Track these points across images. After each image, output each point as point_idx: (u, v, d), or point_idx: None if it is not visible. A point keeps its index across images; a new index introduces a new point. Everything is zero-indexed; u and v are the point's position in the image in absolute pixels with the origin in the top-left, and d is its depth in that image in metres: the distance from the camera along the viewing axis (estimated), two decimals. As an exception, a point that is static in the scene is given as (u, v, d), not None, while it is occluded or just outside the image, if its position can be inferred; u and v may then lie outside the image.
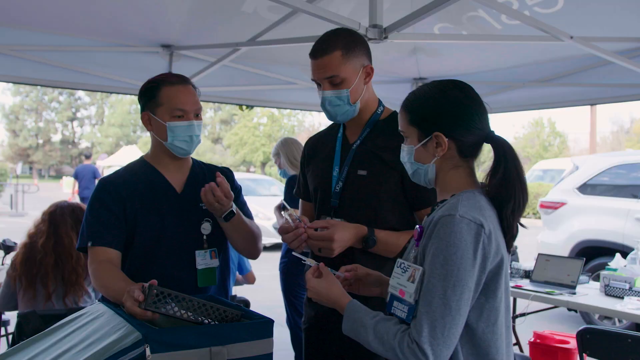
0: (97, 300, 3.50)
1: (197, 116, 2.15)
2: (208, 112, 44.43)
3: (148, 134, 2.27)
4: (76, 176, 12.47)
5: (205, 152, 38.48)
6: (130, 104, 46.30)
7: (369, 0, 2.64)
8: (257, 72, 4.89)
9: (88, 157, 13.71)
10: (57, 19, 3.83)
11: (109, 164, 31.11)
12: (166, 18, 4.00)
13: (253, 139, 36.40)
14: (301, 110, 5.80)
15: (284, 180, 4.35)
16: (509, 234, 1.50)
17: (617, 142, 29.32)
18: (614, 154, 7.71)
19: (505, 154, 1.52)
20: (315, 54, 2.05)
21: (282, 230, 2.00)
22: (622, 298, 3.71)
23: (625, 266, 4.05)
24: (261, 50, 4.22)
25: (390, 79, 5.16)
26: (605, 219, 6.01)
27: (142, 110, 2.18)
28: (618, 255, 4.28)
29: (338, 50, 2.01)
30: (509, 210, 1.49)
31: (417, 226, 1.53)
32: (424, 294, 1.41)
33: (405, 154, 1.61)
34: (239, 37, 4.11)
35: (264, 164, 36.35)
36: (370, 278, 1.80)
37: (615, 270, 4.04)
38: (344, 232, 1.91)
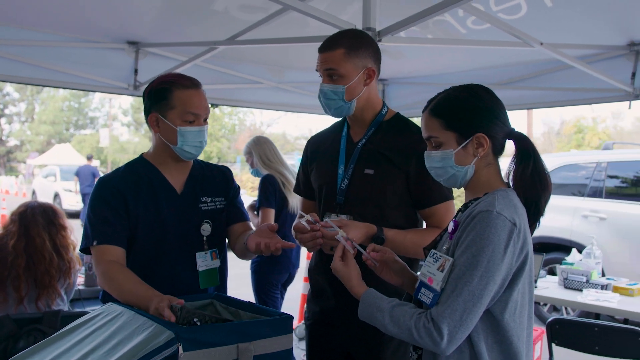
0: (68, 303, 3.44)
1: (205, 120, 2.14)
2: (146, 110, 43.34)
3: (82, 131, 2.22)
4: (77, 175, 15.36)
5: (143, 151, 37.46)
6: (62, 101, 44.57)
7: (363, 3, 2.69)
8: (222, 70, 4.87)
9: (89, 158, 16.55)
10: (16, 11, 3.70)
11: (40, 163, 29.90)
12: (133, 14, 3.93)
13: (193, 138, 35.73)
14: (268, 110, 5.79)
15: (257, 178, 4.38)
16: (534, 225, 1.61)
17: (548, 143, 30.64)
18: (560, 155, 8.10)
19: (533, 149, 1.62)
20: (320, 48, 2.14)
21: (297, 230, 2.03)
22: (581, 290, 3.93)
23: (581, 260, 4.29)
24: (227, 49, 4.20)
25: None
26: (554, 216, 6.30)
27: (149, 111, 2.12)
28: (574, 250, 4.53)
29: (341, 49, 2.08)
30: (542, 202, 1.59)
31: (452, 221, 1.61)
32: (452, 280, 1.49)
33: (439, 160, 1.65)
34: (208, 36, 4.09)
35: (204, 163, 35.68)
36: (396, 266, 1.85)
37: (572, 264, 4.27)
38: (356, 231, 1.95)
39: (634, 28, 3.76)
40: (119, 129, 43.55)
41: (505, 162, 1.73)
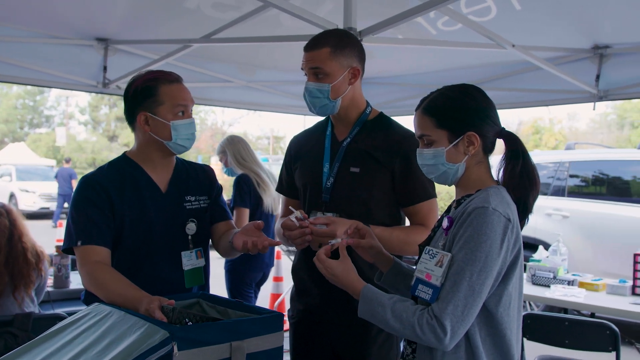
0: (38, 305, 3.36)
1: (190, 112, 2.14)
2: (103, 109, 42.51)
3: (37, 130, 2.18)
4: (56, 177, 16.62)
5: (101, 150, 36.81)
6: (17, 98, 43.25)
7: (344, 3, 2.70)
8: (193, 68, 4.82)
9: (67, 161, 18.31)
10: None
11: (-6, 163, 28.97)
12: (102, 10, 3.85)
13: (154, 138, 35.19)
14: (238, 108, 5.76)
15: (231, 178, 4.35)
16: (523, 222, 1.65)
17: (506, 144, 31.19)
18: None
19: (522, 148, 1.67)
20: (306, 47, 2.15)
21: (285, 227, 2.03)
22: (549, 286, 4.04)
23: (547, 257, 4.40)
24: (198, 47, 4.15)
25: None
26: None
27: (135, 110, 2.08)
28: (541, 247, 4.65)
29: (327, 48, 2.11)
30: (531, 199, 1.64)
31: (446, 217, 1.64)
32: (451, 276, 1.52)
33: (430, 157, 1.68)
34: (180, 34, 4.05)
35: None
36: (373, 251, 1.89)
37: (539, 261, 4.38)
38: (344, 228, 1.96)
39: (598, 32, 3.88)
40: (76, 128, 42.57)
41: (493, 160, 1.77)
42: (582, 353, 3.26)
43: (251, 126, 46.87)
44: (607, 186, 6.32)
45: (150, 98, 2.05)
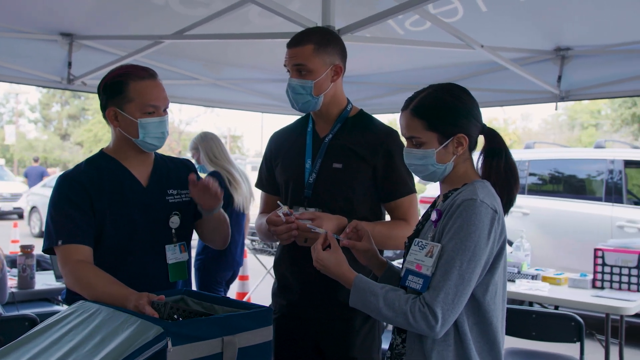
0: (1, 306, 3.27)
1: (165, 111, 2.10)
2: (54, 107, 41.34)
3: None
4: (26, 176, 16.93)
5: (53, 149, 35.84)
6: (-37, 95, 41.69)
7: (322, 2, 2.72)
8: (159, 65, 4.74)
9: (36, 160, 18.96)
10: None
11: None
12: (66, 4, 3.77)
13: (109, 136, 34.26)
14: (204, 106, 5.72)
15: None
16: (506, 214, 1.71)
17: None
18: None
19: (504, 145, 1.73)
20: (289, 44, 2.17)
21: (271, 222, 2.04)
22: (514, 281, 4.15)
23: (511, 252, 4.52)
24: (164, 44, 4.09)
25: (281, 77, 5.26)
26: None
27: (106, 105, 2.06)
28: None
29: (310, 44, 2.13)
30: (513, 192, 1.70)
31: (435, 210, 1.68)
32: (442, 265, 1.57)
33: (420, 157, 1.71)
34: (147, 30, 4.00)
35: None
36: (368, 254, 1.91)
37: (503, 256, 4.49)
38: (329, 223, 1.99)
39: (560, 34, 4.01)
40: (26, 126, 41.27)
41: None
42: (548, 344, 3.37)
43: (208, 125, 46.21)
44: (564, 184, 6.53)
45: (119, 94, 2.02)
